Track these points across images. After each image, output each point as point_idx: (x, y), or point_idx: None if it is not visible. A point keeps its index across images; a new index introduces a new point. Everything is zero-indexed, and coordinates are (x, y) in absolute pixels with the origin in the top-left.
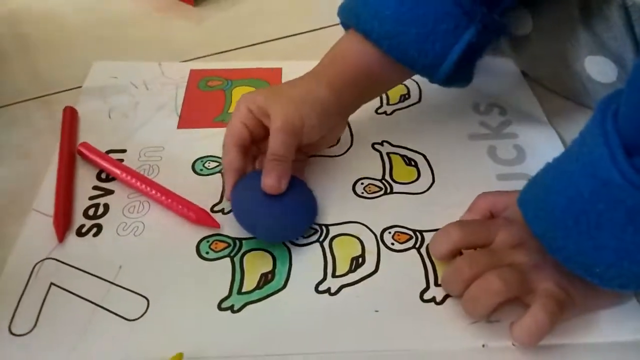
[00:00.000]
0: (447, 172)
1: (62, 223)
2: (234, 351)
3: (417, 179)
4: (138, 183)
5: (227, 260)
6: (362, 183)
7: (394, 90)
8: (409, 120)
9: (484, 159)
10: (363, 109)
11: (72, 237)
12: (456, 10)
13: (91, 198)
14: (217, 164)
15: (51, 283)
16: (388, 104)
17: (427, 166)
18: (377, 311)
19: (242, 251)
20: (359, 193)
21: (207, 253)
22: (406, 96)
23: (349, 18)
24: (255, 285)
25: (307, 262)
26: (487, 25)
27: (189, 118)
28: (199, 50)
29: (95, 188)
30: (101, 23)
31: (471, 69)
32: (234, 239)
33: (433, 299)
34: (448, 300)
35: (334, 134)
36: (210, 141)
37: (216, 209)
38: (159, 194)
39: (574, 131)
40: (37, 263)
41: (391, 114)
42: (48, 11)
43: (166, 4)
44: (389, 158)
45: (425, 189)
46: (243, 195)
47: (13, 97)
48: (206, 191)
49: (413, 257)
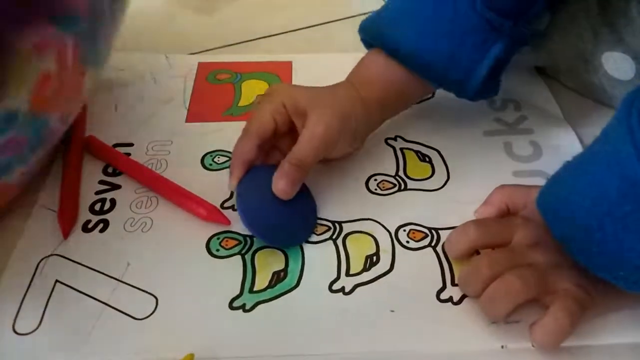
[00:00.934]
0: (462, 169)
1: (68, 219)
2: (246, 352)
3: (432, 176)
4: (146, 178)
5: (238, 257)
6: (376, 179)
7: None
8: (423, 115)
9: (500, 155)
10: None
11: (78, 233)
12: (483, 25)
13: (97, 193)
14: (227, 159)
15: (56, 280)
16: None
17: (442, 162)
18: (393, 311)
19: (254, 249)
20: (373, 189)
21: (218, 250)
22: None
23: (374, 38)
24: (267, 283)
25: (320, 260)
26: (515, 37)
27: (198, 112)
28: (208, 42)
29: (101, 182)
30: None
31: (498, 81)
32: (245, 236)
33: (450, 299)
34: (465, 300)
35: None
36: (219, 135)
37: (226, 205)
38: (168, 190)
39: (590, 128)
40: (42, 259)
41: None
42: None
43: None
44: (403, 154)
45: (440, 186)
46: (251, 193)
47: None
48: (216, 187)
49: (429, 256)
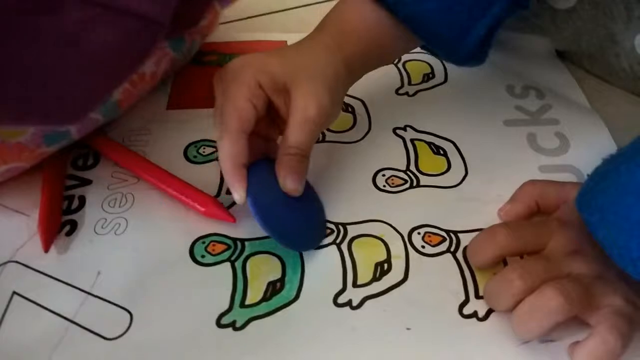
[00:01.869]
0: (482, 163)
1: (50, 227)
2: None
3: (448, 170)
4: (134, 165)
5: (227, 265)
6: (384, 174)
7: (416, 69)
8: (435, 102)
9: (524, 148)
10: (382, 89)
11: None
12: None
13: (64, 189)
14: (214, 150)
15: (14, 292)
16: (410, 84)
17: (458, 155)
18: (409, 329)
19: (245, 254)
20: (381, 186)
21: (203, 257)
22: (430, 75)
23: None
24: (261, 296)
25: (323, 269)
26: None
27: (181, 98)
28: None
29: (69, 177)
30: None
31: (489, 47)
32: (235, 240)
33: (474, 314)
34: (492, 315)
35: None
36: (205, 123)
37: None
38: (163, 180)
39: (619, 119)
40: None
41: (414, 95)
42: None
43: None
44: (414, 145)
45: (457, 182)
46: (264, 199)
47: None
48: (202, 181)
49: (448, 263)
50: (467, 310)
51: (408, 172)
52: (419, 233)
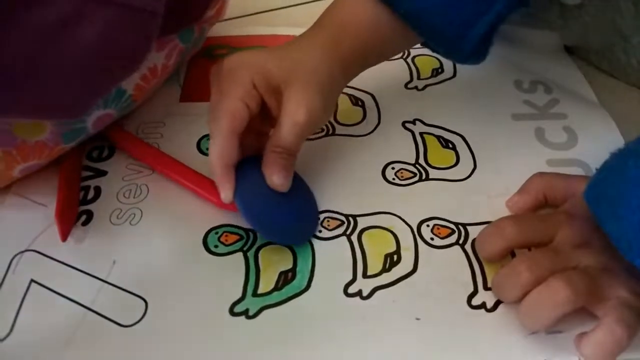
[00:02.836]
0: (490, 156)
1: (67, 217)
2: None
3: (456, 164)
4: (150, 157)
5: (240, 255)
6: (393, 168)
7: (425, 64)
8: (444, 96)
9: (532, 142)
10: (391, 83)
11: None
12: None
13: (81, 180)
14: None
15: (31, 280)
16: (419, 79)
17: (467, 149)
18: (419, 319)
19: (257, 245)
20: (390, 179)
21: (216, 247)
22: (439, 70)
23: None
24: (273, 285)
25: (333, 259)
26: None
27: (193, 90)
28: None
29: (85, 168)
30: None
31: (490, 45)
32: (247, 231)
33: (483, 305)
34: (500, 306)
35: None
36: None
37: None
38: (178, 172)
39: (627, 114)
40: (16, 255)
41: (423, 89)
42: None
43: None
44: (423, 139)
45: (466, 175)
46: (250, 196)
47: None
48: None
49: (457, 255)
50: (476, 301)
51: (417, 166)
52: (428, 225)
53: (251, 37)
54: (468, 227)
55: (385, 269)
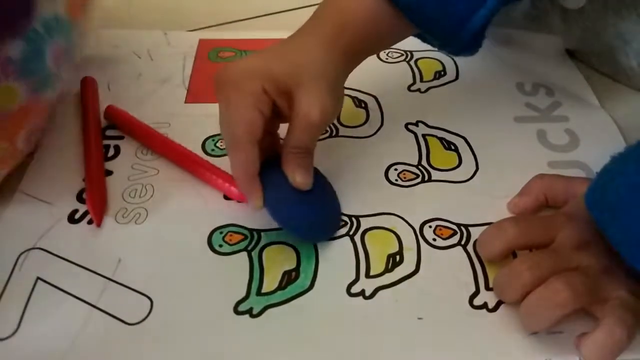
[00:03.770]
0: (492, 158)
1: (99, 204)
2: None
3: (459, 166)
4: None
5: (244, 255)
6: (396, 169)
7: (428, 66)
8: (446, 99)
9: (534, 144)
10: (394, 86)
11: (63, 224)
12: None
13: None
14: None
15: (38, 277)
16: (422, 81)
17: (469, 151)
18: (421, 318)
19: (261, 245)
20: (393, 180)
21: (221, 246)
22: (441, 73)
23: None
24: (277, 285)
25: (337, 259)
26: None
27: (199, 92)
28: (208, 19)
29: None
30: None
31: (483, 38)
32: (252, 230)
33: (484, 305)
34: (502, 307)
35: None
36: None
37: None
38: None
39: (628, 117)
40: (22, 253)
41: (426, 92)
42: None
43: None
44: (425, 141)
45: (468, 177)
46: (280, 199)
47: None
48: None
49: (459, 256)
50: (478, 301)
51: (420, 167)
52: (430, 226)
53: (257, 41)
54: (470, 228)
55: (387, 269)
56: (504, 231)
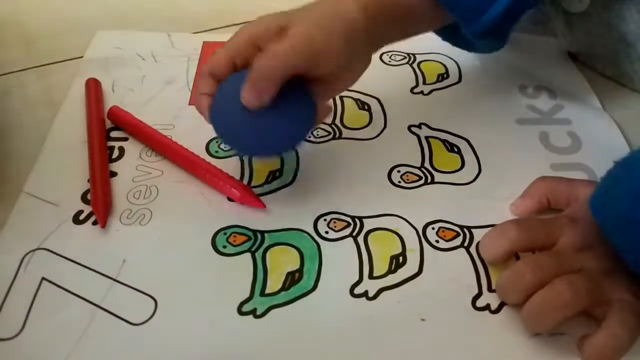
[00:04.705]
0: (495, 160)
1: (103, 205)
2: None
3: (462, 168)
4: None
5: (248, 255)
6: (399, 171)
7: (431, 69)
8: (449, 101)
9: (536, 146)
10: (397, 88)
11: (68, 225)
12: None
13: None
14: None
15: (43, 278)
16: (424, 84)
17: (472, 153)
18: (424, 320)
19: (265, 246)
20: (396, 182)
21: (225, 247)
22: (444, 76)
23: None
24: (280, 285)
25: (340, 260)
26: None
27: None
28: (212, 21)
29: None
30: None
31: (509, 31)
32: (255, 232)
33: (487, 307)
34: (504, 308)
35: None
36: None
37: None
38: (199, 165)
39: (631, 120)
40: (27, 254)
41: (429, 94)
42: None
43: None
44: (428, 143)
45: (471, 179)
46: (223, 106)
47: (6, 67)
48: None
49: (461, 257)
50: (480, 303)
51: (423, 169)
52: (433, 228)
53: None
54: (473, 230)
55: (391, 271)
56: (507, 233)
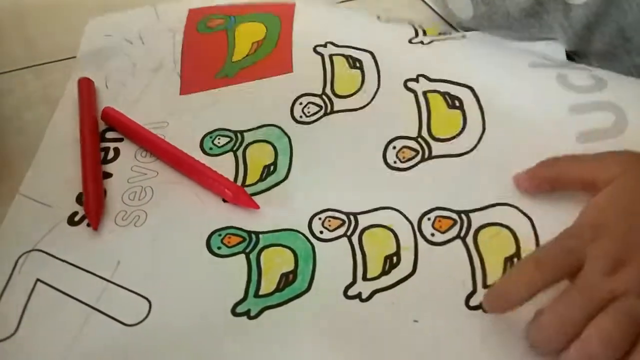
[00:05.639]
0: (503, 110)
1: (95, 208)
2: None
3: (463, 130)
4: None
5: (242, 257)
6: (394, 147)
7: (432, 28)
8: (452, 49)
9: (552, 87)
10: (393, 40)
11: (63, 227)
12: None
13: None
14: (228, 140)
15: (37, 279)
16: (425, 35)
17: (476, 104)
18: (417, 321)
19: (259, 247)
20: (391, 163)
21: (220, 248)
22: (447, 34)
23: None
24: (274, 287)
25: (334, 262)
26: None
27: (191, 77)
28: None
29: None
30: None
31: None
32: (250, 233)
33: (481, 306)
34: None
35: None
36: (217, 109)
37: None
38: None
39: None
40: (22, 255)
41: (429, 44)
42: None
43: None
44: (426, 100)
45: (472, 146)
46: None
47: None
48: None
49: (457, 251)
50: (474, 301)
51: (419, 140)
52: (429, 219)
53: (247, 5)
54: (471, 215)
55: (384, 272)
56: (524, 278)
